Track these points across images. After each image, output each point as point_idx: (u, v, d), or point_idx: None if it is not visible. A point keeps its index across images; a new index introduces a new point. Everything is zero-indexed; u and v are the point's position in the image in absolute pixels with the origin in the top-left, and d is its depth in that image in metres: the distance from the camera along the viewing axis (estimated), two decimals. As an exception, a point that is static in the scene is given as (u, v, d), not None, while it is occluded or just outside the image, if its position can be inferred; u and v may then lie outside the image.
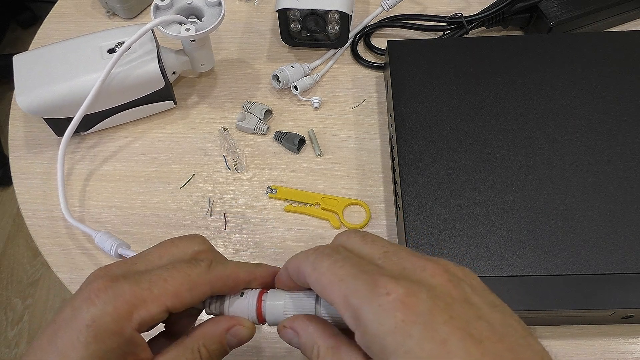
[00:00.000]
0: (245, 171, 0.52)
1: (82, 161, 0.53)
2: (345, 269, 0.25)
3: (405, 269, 0.25)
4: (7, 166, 0.86)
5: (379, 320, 0.22)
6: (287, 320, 0.29)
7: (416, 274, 0.24)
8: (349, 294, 0.24)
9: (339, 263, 0.25)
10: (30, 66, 0.49)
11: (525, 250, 0.41)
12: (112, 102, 0.51)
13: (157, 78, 0.51)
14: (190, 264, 0.29)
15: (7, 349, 1.20)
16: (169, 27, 0.49)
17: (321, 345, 0.26)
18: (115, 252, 0.45)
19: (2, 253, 1.34)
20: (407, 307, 0.22)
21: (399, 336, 0.22)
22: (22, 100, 0.48)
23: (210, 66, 0.56)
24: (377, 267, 0.25)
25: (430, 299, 0.22)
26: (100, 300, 0.26)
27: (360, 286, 0.24)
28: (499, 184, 0.44)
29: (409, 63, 0.51)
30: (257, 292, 0.31)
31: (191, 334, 0.30)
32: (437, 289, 0.23)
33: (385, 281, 0.23)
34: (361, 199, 0.50)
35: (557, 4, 0.57)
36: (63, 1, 0.65)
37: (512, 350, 0.22)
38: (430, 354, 0.21)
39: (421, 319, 0.22)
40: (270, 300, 0.30)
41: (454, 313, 0.22)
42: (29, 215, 0.51)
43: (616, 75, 0.49)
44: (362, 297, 0.23)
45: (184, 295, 0.28)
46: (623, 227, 0.42)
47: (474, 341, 0.21)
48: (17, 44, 1.68)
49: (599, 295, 0.39)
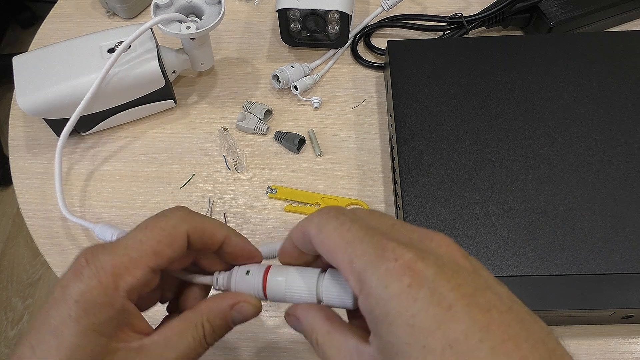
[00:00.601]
0: (245, 171, 0.52)
1: (81, 161, 0.53)
2: (352, 231, 0.24)
3: (413, 239, 0.24)
4: (7, 166, 0.85)
5: (385, 283, 0.22)
6: (291, 308, 0.29)
7: (424, 243, 0.24)
8: (355, 257, 0.24)
9: (346, 225, 0.25)
10: (30, 67, 0.49)
11: (525, 250, 0.41)
12: (112, 101, 0.51)
13: (157, 77, 0.51)
14: (163, 217, 0.29)
15: (7, 349, 1.20)
16: (169, 25, 0.49)
17: (319, 331, 0.27)
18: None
19: (2, 253, 1.33)
20: (414, 272, 0.22)
21: (404, 300, 0.21)
22: (23, 102, 0.48)
23: (210, 65, 0.56)
24: (385, 233, 0.24)
25: (438, 266, 0.22)
26: (85, 276, 0.26)
27: (367, 249, 0.23)
28: (499, 184, 0.44)
29: (409, 63, 0.51)
30: (263, 268, 0.30)
31: (195, 309, 0.29)
32: (445, 258, 0.23)
33: (393, 246, 0.23)
34: (361, 199, 0.50)
35: (557, 4, 0.57)
36: (63, 1, 0.65)
37: (521, 321, 0.21)
38: (435, 318, 0.21)
39: (428, 284, 0.21)
40: (272, 276, 0.30)
41: (461, 280, 0.22)
42: (29, 215, 0.51)
43: (616, 75, 0.49)
44: (369, 260, 0.23)
45: (164, 251, 0.28)
46: (623, 227, 0.42)
47: (481, 309, 0.21)
48: (17, 44, 1.68)
49: (599, 295, 0.39)
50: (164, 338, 0.28)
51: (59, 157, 0.49)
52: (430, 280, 0.22)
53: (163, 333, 0.28)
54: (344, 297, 0.27)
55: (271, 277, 0.30)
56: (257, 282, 0.30)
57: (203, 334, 0.28)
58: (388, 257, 0.23)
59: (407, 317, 0.21)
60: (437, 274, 0.22)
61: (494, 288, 0.22)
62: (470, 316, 0.21)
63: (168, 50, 0.53)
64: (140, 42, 0.50)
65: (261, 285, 0.30)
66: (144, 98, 0.52)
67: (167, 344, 0.27)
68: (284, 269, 0.30)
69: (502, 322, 0.21)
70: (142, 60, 0.50)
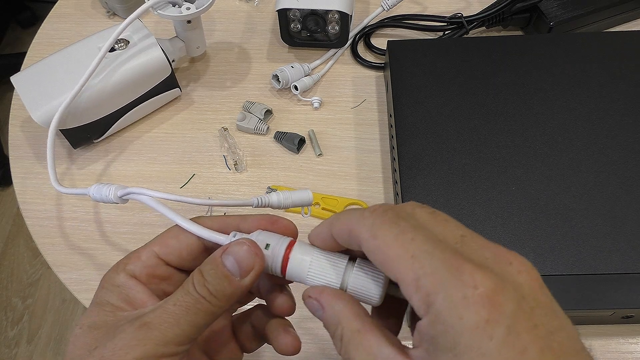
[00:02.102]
0: (245, 171, 0.52)
1: (81, 161, 0.53)
2: (417, 242, 0.22)
3: (488, 258, 0.22)
4: (7, 166, 0.86)
5: (460, 313, 0.20)
6: (314, 290, 0.26)
7: (501, 267, 0.21)
8: (422, 274, 0.21)
9: (409, 234, 0.22)
10: (33, 82, 0.49)
11: (525, 250, 0.41)
12: (121, 101, 0.51)
13: (163, 65, 0.51)
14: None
15: (7, 349, 1.20)
16: (166, 9, 0.49)
17: (345, 327, 0.24)
18: (116, 196, 0.35)
19: (2, 253, 1.33)
20: (493, 306, 0.20)
21: (479, 336, 0.20)
22: (38, 116, 0.47)
23: (204, 49, 0.56)
24: (456, 250, 0.22)
25: (518, 301, 0.20)
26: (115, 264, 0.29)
27: (439, 268, 0.21)
28: (499, 184, 0.44)
29: (409, 63, 0.51)
30: (286, 242, 0.28)
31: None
32: (524, 289, 0.21)
33: (471, 269, 0.20)
34: (361, 199, 0.50)
35: (557, 4, 0.57)
36: (63, 1, 0.65)
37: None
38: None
39: (506, 322, 0.20)
40: (295, 253, 0.27)
41: (538, 320, 0.20)
42: (29, 215, 0.51)
43: (616, 75, 0.49)
44: (441, 282, 0.21)
45: (169, 241, 0.29)
46: (623, 227, 0.42)
47: (554, 354, 0.20)
48: (17, 44, 1.68)
49: (599, 295, 0.39)
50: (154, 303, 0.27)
51: (54, 131, 0.47)
52: (509, 317, 0.20)
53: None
54: (372, 293, 0.25)
55: (295, 254, 0.27)
56: (277, 257, 0.27)
57: (192, 283, 0.26)
58: (466, 282, 0.20)
59: (477, 353, 0.20)
60: (516, 310, 0.20)
61: (567, 328, 0.21)
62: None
63: (163, 40, 0.53)
64: (137, 35, 0.51)
65: (281, 260, 0.27)
66: (151, 91, 0.52)
67: (159, 304, 0.26)
68: (309, 249, 0.27)
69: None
70: (144, 51, 0.50)
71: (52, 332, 1.22)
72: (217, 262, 0.26)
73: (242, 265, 0.26)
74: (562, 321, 0.21)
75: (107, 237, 0.49)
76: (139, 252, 0.29)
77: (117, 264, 0.29)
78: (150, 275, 0.29)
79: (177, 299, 0.26)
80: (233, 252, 0.26)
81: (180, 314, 0.25)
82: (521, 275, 0.21)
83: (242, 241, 0.27)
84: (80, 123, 0.50)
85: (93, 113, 0.50)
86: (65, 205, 0.51)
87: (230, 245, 0.27)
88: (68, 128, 0.49)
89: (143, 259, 0.29)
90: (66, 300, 1.26)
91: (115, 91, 0.49)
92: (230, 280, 0.26)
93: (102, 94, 0.49)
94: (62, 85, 0.48)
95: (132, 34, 0.51)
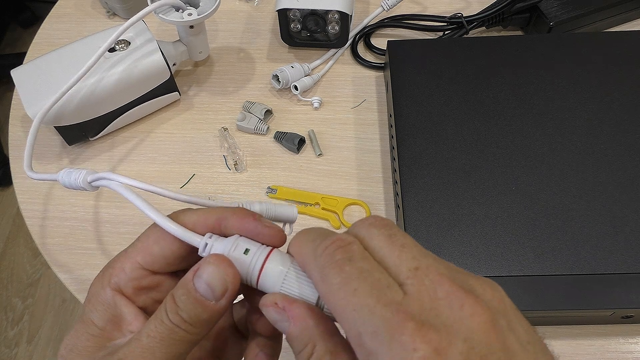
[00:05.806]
0: (245, 171, 0.52)
1: (81, 162, 0.53)
2: (359, 295, 0.21)
3: (439, 302, 0.20)
4: (7, 166, 0.86)
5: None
6: (284, 299, 0.24)
7: (452, 312, 0.20)
8: (364, 332, 0.20)
9: (353, 284, 0.21)
10: (32, 77, 0.49)
11: (525, 250, 0.41)
12: (119, 101, 0.51)
13: (162, 69, 0.51)
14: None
15: (7, 349, 1.20)
16: (169, 14, 0.49)
17: (320, 346, 0.23)
18: (85, 181, 0.32)
19: (2, 253, 1.34)
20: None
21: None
22: (33, 112, 0.47)
23: (207, 53, 0.56)
24: (401, 300, 0.20)
25: (465, 355, 0.19)
26: (99, 274, 0.28)
27: (380, 328, 0.20)
28: (499, 184, 0.44)
29: (409, 63, 0.51)
30: (266, 250, 0.26)
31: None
32: (475, 339, 0.20)
33: (412, 330, 0.19)
34: (361, 199, 0.50)
35: (557, 4, 0.57)
36: (63, 1, 0.65)
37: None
38: None
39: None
40: (271, 262, 0.25)
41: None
42: (29, 215, 0.51)
43: (616, 75, 0.49)
44: (381, 344, 0.19)
45: (152, 248, 0.27)
46: (623, 227, 0.42)
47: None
48: (17, 44, 1.68)
49: (599, 295, 0.39)
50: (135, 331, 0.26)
51: (39, 120, 0.46)
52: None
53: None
54: None
55: (270, 264, 0.25)
56: (255, 266, 0.25)
57: (165, 311, 0.24)
58: (405, 344, 0.19)
59: None
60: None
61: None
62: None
63: (165, 43, 0.53)
64: (139, 37, 0.51)
65: (259, 268, 0.25)
66: (149, 93, 0.52)
67: (133, 337, 0.25)
68: (287, 260, 0.25)
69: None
70: (144, 54, 0.50)
71: (52, 332, 1.22)
72: (189, 286, 0.24)
73: (215, 289, 0.24)
74: (523, 355, 0.20)
75: (107, 237, 0.49)
76: (122, 263, 0.27)
77: (103, 275, 0.27)
78: (137, 288, 0.27)
79: (151, 330, 0.24)
80: (205, 274, 0.24)
81: (155, 346, 0.24)
82: (473, 319, 0.20)
83: (211, 260, 0.24)
84: (75, 121, 0.50)
85: (89, 111, 0.50)
86: (65, 205, 0.51)
87: (201, 265, 0.24)
88: (62, 125, 0.49)
89: (127, 271, 0.27)
90: (66, 300, 1.26)
91: (112, 91, 0.49)
92: (204, 305, 0.24)
93: (99, 93, 0.49)
94: (59, 83, 0.48)
95: (135, 36, 0.51)
